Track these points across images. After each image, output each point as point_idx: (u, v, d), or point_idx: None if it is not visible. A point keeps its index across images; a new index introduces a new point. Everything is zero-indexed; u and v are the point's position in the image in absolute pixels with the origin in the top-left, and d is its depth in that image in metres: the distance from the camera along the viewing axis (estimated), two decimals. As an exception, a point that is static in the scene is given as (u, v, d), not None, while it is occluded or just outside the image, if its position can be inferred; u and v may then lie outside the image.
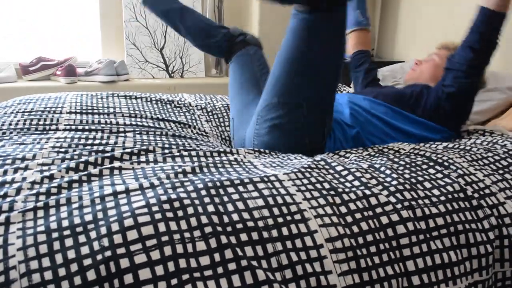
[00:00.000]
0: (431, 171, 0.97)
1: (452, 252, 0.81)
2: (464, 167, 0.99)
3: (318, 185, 0.84)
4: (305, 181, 0.85)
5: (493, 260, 0.85)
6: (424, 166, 0.99)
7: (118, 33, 2.84)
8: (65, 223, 0.67)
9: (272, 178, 0.84)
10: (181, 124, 1.36)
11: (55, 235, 0.65)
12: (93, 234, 0.65)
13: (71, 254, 0.62)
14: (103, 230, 0.66)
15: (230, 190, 0.79)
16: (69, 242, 0.64)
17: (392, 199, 0.84)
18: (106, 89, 2.55)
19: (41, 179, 0.82)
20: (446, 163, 1.01)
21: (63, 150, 1.00)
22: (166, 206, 0.71)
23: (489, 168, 1.01)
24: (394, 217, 0.80)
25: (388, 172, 0.94)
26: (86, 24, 2.91)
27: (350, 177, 0.90)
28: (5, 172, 0.86)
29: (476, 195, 0.92)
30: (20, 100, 1.44)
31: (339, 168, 0.94)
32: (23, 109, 1.30)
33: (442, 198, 0.87)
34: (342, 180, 0.89)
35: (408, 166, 0.98)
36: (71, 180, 0.82)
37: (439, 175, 0.95)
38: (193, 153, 1.00)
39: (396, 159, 1.03)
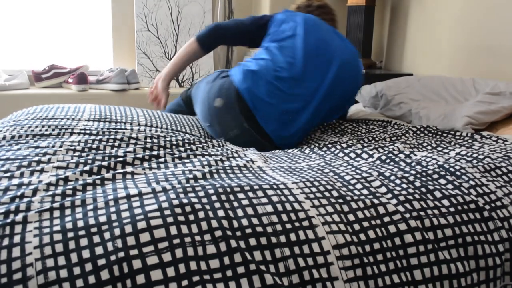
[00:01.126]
0: (442, 181, 0.98)
1: (460, 263, 0.81)
2: (476, 178, 0.99)
3: (327, 193, 0.85)
4: (314, 189, 0.87)
5: (502, 273, 0.85)
6: (435, 176, 1.00)
7: (129, 42, 2.89)
8: (80, 223, 0.69)
9: (281, 186, 0.86)
10: (195, 136, 1.39)
11: (70, 234, 0.67)
12: (107, 235, 0.67)
13: (86, 254, 0.64)
14: (117, 232, 0.67)
15: (240, 195, 0.81)
16: (84, 242, 0.66)
17: (401, 209, 0.85)
18: (116, 97, 2.59)
19: (56, 181, 0.85)
20: (458, 173, 1.02)
21: (77, 154, 1.02)
22: (178, 210, 0.73)
23: (501, 179, 1.01)
24: (402, 226, 0.81)
25: (398, 181, 0.95)
26: (99, 33, 2.96)
27: (358, 186, 0.91)
28: (21, 174, 0.88)
29: (487, 207, 0.92)
30: (42, 108, 1.47)
31: (348, 177, 0.95)
32: (43, 116, 1.34)
33: (452, 209, 0.88)
34: (350, 188, 0.90)
35: (419, 175, 0.99)
36: (86, 183, 0.85)
37: (450, 186, 0.96)
38: (203, 158, 1.02)
39: (407, 168, 1.04)
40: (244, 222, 0.73)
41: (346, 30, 2.81)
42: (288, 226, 0.74)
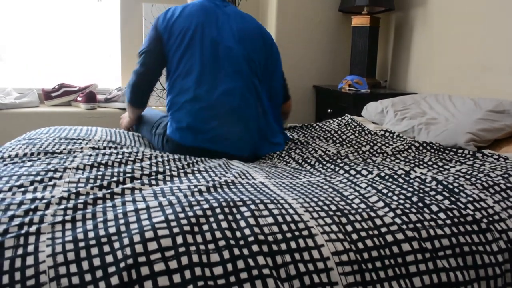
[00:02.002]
0: (439, 197, 1.01)
1: (459, 272, 0.83)
2: (475, 193, 1.02)
3: (325, 207, 0.89)
4: (313, 204, 0.90)
5: (503, 283, 0.87)
6: (433, 193, 1.03)
7: (138, 62, 2.96)
8: (91, 234, 0.73)
9: (282, 201, 0.90)
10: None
11: (81, 244, 0.71)
12: (116, 245, 0.71)
13: (96, 262, 0.68)
14: (126, 241, 0.71)
15: (243, 208, 0.84)
16: (94, 251, 0.70)
17: (398, 221, 0.88)
18: (125, 116, 2.64)
19: (68, 196, 0.89)
20: (456, 189, 1.04)
21: (87, 170, 1.07)
22: (184, 222, 0.77)
23: (500, 195, 1.03)
24: (399, 236, 0.84)
25: (395, 197, 0.99)
26: (108, 52, 3.04)
27: (357, 200, 0.95)
28: (35, 189, 0.93)
29: (485, 220, 0.94)
30: (55, 129, 1.53)
31: (346, 193, 0.99)
32: (56, 136, 1.39)
33: (448, 221, 0.91)
34: (349, 202, 0.93)
35: (416, 192, 1.02)
36: (96, 197, 0.89)
37: (447, 201, 0.99)
38: (206, 174, 1.06)
39: (405, 185, 1.07)
40: (247, 231, 0.77)
41: (351, 51, 2.87)
42: (289, 235, 0.78)
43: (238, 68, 1.53)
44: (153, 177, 1.05)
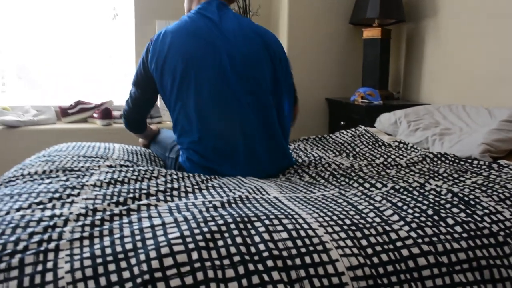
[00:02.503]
0: (455, 210, 1.00)
1: (476, 287, 0.82)
2: (491, 206, 1.01)
3: (340, 221, 0.89)
4: (327, 218, 0.90)
5: None
6: (448, 205, 1.02)
7: (152, 79, 3.01)
8: (108, 250, 0.75)
9: (296, 216, 0.90)
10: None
11: (99, 260, 0.72)
12: (133, 261, 0.72)
13: (113, 278, 0.69)
14: (142, 257, 0.72)
15: (257, 224, 0.85)
16: (111, 267, 0.71)
17: (413, 234, 0.88)
18: (140, 131, 2.67)
19: (86, 212, 0.91)
20: (472, 202, 1.04)
21: (104, 187, 1.09)
22: (199, 237, 0.78)
23: (518, 207, 1.02)
24: (415, 250, 0.83)
25: (410, 210, 0.98)
26: (123, 70, 3.09)
27: (371, 214, 0.94)
28: (53, 206, 0.94)
29: (502, 233, 0.93)
30: (74, 145, 1.57)
31: (361, 207, 0.99)
32: (74, 153, 1.42)
33: (465, 234, 0.90)
34: (363, 216, 0.93)
35: (431, 205, 1.02)
36: (113, 214, 0.90)
37: (463, 214, 0.98)
38: (221, 190, 1.07)
39: (420, 197, 1.07)
40: (261, 247, 0.78)
41: (363, 63, 2.88)
42: (303, 250, 0.78)
43: (241, 100, 1.38)
44: (168, 194, 1.07)
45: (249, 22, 1.48)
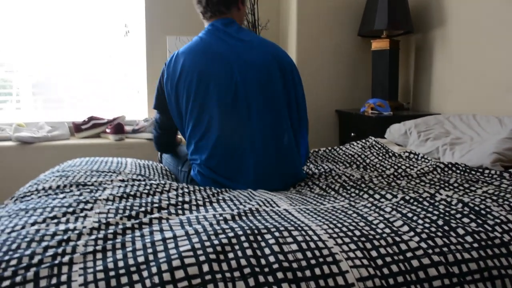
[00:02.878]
0: (466, 219, 1.00)
1: (489, 297, 0.82)
2: (502, 215, 1.01)
3: (349, 233, 0.89)
4: (337, 230, 0.91)
5: None
6: (459, 215, 1.02)
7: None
8: (121, 263, 0.76)
9: (306, 228, 0.91)
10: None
11: (112, 273, 0.73)
12: (145, 274, 0.73)
13: (126, 290, 0.70)
14: (154, 270, 0.73)
15: (267, 236, 0.86)
16: (124, 279, 0.72)
17: (423, 245, 0.88)
18: (151, 146, 2.71)
19: (98, 226, 0.93)
20: (483, 211, 1.03)
21: (117, 201, 1.11)
22: (210, 250, 0.79)
23: (530, 217, 1.02)
24: (425, 261, 0.83)
25: (420, 221, 0.98)
26: (135, 85, 3.14)
27: (381, 225, 0.95)
28: (67, 220, 0.96)
29: (513, 242, 0.93)
30: (87, 160, 1.60)
31: (370, 218, 0.99)
32: (88, 168, 1.45)
33: (475, 244, 0.89)
34: (373, 227, 0.94)
35: (441, 215, 1.02)
36: (125, 227, 0.92)
37: (473, 224, 0.98)
38: (231, 203, 1.08)
39: (430, 208, 1.07)
40: (271, 259, 0.78)
41: (372, 74, 2.89)
42: (313, 261, 0.79)
43: (251, 115, 1.41)
44: (180, 207, 1.08)
45: (258, 37, 1.51)
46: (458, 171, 1.53)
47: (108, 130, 2.79)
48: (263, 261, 0.78)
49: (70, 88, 3.04)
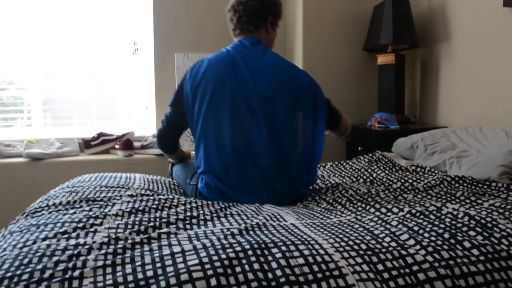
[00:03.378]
0: (472, 232, 1.01)
1: (497, 310, 0.82)
2: (509, 228, 1.01)
3: (356, 247, 0.90)
4: (343, 244, 0.92)
5: None
6: (465, 228, 1.02)
7: (171, 109, 3.08)
8: (130, 277, 0.77)
9: (312, 242, 0.92)
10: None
11: (121, 287, 0.75)
12: (154, 288, 0.75)
13: (135, 304, 0.71)
14: (163, 284, 0.75)
15: (274, 250, 0.87)
16: (133, 294, 0.74)
17: (429, 258, 0.88)
18: (159, 161, 2.73)
19: (108, 241, 0.94)
20: (489, 224, 1.04)
21: (126, 216, 1.13)
22: (217, 264, 0.80)
23: (536, 230, 1.02)
24: (432, 274, 0.83)
25: (426, 234, 0.99)
26: (143, 101, 3.18)
27: (387, 239, 0.95)
28: (77, 235, 0.98)
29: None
30: (96, 176, 1.62)
31: (377, 232, 1.00)
32: (97, 184, 1.47)
33: (482, 257, 0.90)
34: (379, 240, 0.94)
35: (448, 228, 1.02)
36: (134, 242, 0.93)
37: (480, 237, 0.98)
38: (239, 217, 1.10)
39: (436, 221, 1.07)
40: (278, 272, 0.79)
41: (378, 88, 2.90)
42: (319, 275, 0.79)
43: (261, 129, 1.45)
44: (188, 222, 1.09)
45: (280, 58, 1.57)
46: (465, 184, 1.53)
47: (117, 146, 2.82)
48: (270, 275, 0.79)
49: (80, 105, 3.09)
